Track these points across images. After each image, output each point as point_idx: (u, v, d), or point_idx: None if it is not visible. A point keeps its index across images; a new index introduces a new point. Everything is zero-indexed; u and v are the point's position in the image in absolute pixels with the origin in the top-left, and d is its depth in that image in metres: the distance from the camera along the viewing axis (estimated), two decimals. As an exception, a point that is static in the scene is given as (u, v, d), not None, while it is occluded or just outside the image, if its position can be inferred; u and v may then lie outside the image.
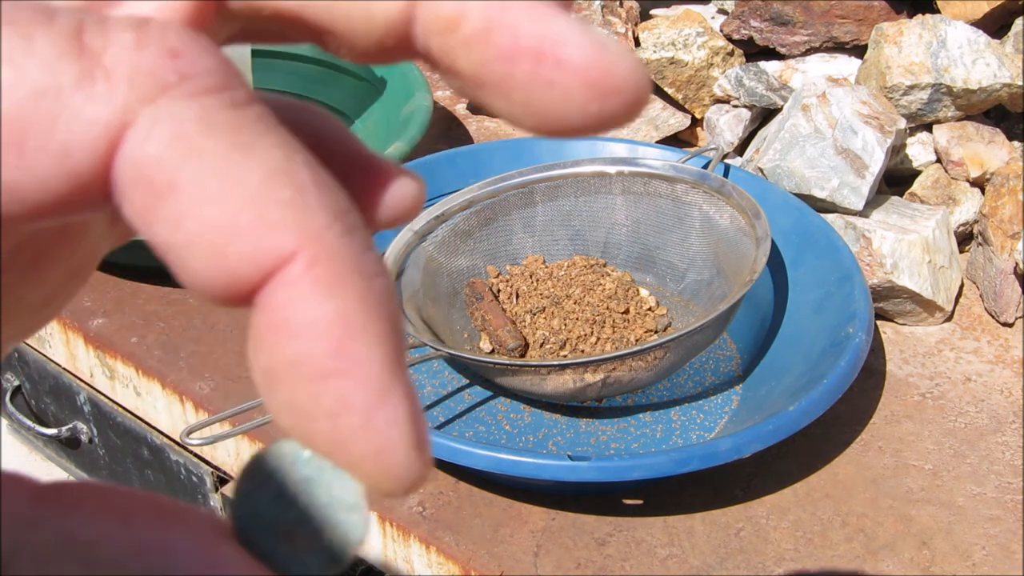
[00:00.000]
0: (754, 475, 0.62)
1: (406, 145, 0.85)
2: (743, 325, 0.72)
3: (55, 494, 0.13)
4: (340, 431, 0.14)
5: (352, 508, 0.15)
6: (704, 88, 0.93)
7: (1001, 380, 0.70)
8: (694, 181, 0.74)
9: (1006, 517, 0.60)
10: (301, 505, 0.15)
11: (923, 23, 0.80)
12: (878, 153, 0.74)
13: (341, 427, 0.14)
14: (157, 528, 0.14)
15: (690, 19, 0.93)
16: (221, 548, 0.14)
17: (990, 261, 0.75)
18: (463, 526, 0.59)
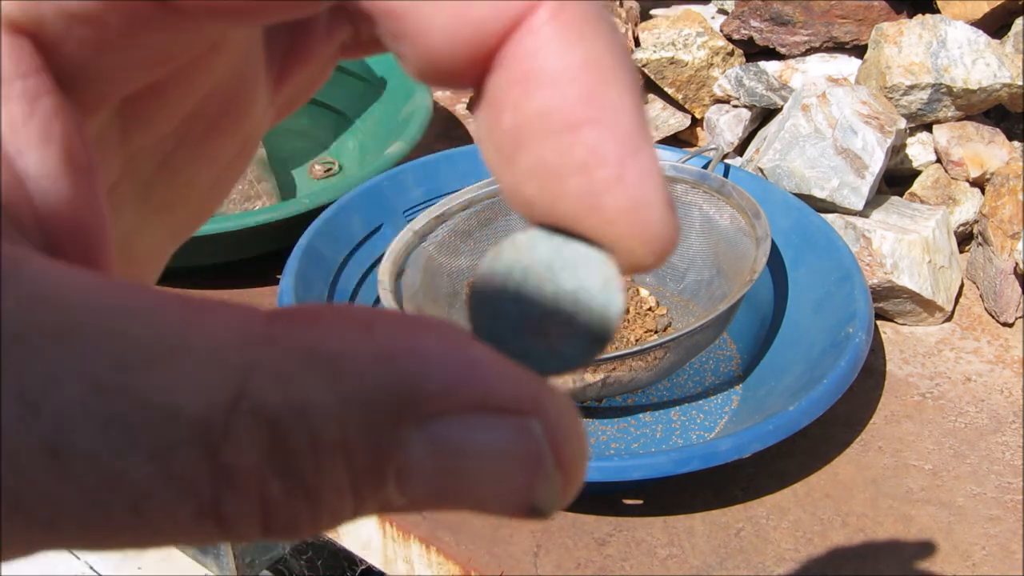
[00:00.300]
0: (754, 475, 0.62)
1: (406, 145, 0.85)
2: (743, 325, 0.72)
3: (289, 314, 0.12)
4: (592, 186, 0.13)
5: (604, 283, 0.14)
6: (704, 88, 0.93)
7: (1001, 380, 0.70)
8: (694, 181, 0.74)
9: (1006, 517, 0.60)
10: (548, 295, 0.14)
11: (923, 23, 0.80)
12: (878, 153, 0.74)
13: (594, 181, 0.13)
14: (403, 336, 0.12)
15: (690, 19, 0.93)
16: (475, 349, 0.12)
17: (990, 261, 0.75)
18: (463, 526, 0.59)
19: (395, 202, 0.78)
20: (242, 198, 0.88)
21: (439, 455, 0.12)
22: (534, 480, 0.13)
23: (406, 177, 0.80)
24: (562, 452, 0.13)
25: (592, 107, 0.13)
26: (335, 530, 0.65)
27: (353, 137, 1.00)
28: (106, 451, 0.12)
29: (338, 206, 0.75)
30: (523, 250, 0.14)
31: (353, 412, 0.12)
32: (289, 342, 0.12)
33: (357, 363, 0.12)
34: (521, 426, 0.12)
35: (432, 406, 0.12)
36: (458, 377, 0.12)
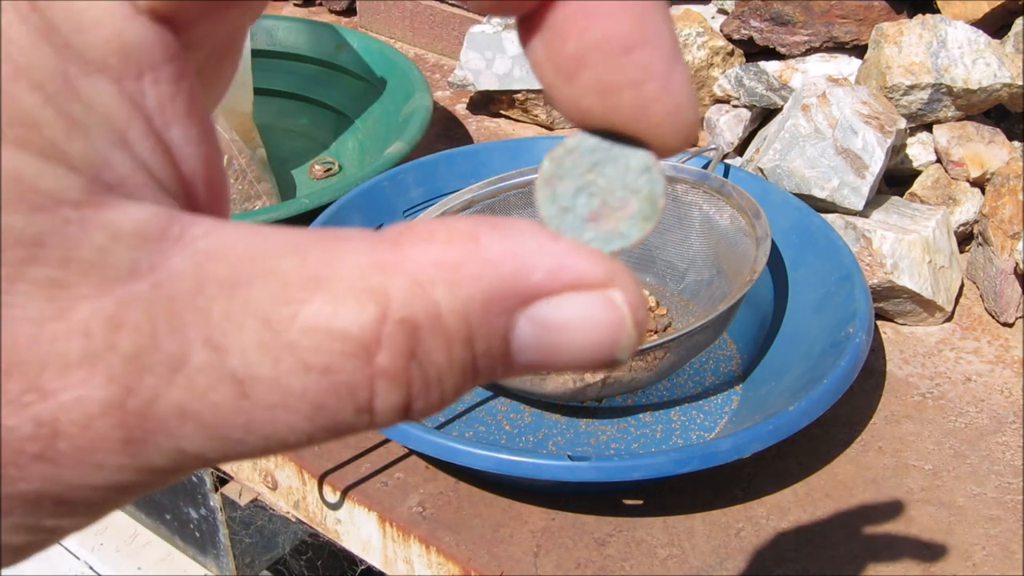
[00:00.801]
0: (754, 475, 0.62)
1: (406, 145, 0.85)
2: (743, 325, 0.72)
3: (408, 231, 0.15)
4: (643, 96, 0.16)
5: (648, 169, 0.17)
6: (704, 88, 0.92)
7: (1001, 380, 0.70)
8: (694, 181, 0.73)
9: (1006, 517, 0.60)
10: (602, 185, 0.17)
11: (923, 23, 0.80)
12: (878, 153, 0.74)
13: (644, 93, 0.16)
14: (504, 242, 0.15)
15: (690, 19, 0.93)
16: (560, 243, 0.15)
17: (990, 261, 0.75)
18: (463, 526, 0.59)
19: (395, 202, 0.78)
20: (242, 198, 0.88)
21: (542, 331, 0.15)
22: (618, 337, 0.16)
23: (406, 177, 0.80)
24: (637, 313, 0.16)
25: (642, 32, 0.16)
26: (335, 532, 0.65)
27: (353, 137, 1.00)
28: (284, 374, 0.14)
29: (338, 206, 0.75)
30: (576, 152, 0.17)
31: (475, 310, 0.15)
32: (416, 259, 0.15)
33: (473, 269, 0.15)
34: (607, 298, 0.15)
35: (536, 293, 0.15)
36: (552, 267, 0.15)
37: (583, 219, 0.17)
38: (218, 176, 0.17)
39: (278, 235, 0.15)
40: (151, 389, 0.14)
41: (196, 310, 0.14)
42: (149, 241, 0.14)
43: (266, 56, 1.04)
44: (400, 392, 0.15)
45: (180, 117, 0.16)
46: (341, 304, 0.14)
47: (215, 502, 0.79)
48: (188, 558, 0.89)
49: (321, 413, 0.14)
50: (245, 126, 0.89)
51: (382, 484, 0.62)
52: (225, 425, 0.14)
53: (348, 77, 1.03)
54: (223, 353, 0.14)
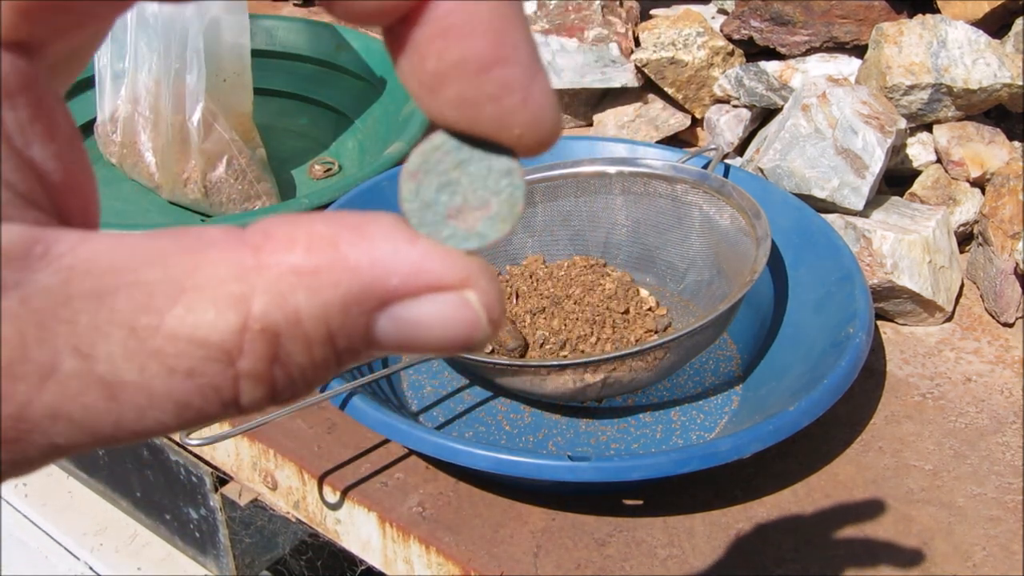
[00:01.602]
0: (754, 475, 0.62)
1: (406, 145, 0.85)
2: (743, 325, 0.72)
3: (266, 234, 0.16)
4: (503, 110, 0.17)
5: (509, 172, 0.18)
6: (704, 88, 0.92)
7: (1001, 380, 0.70)
8: (694, 181, 0.73)
9: (1006, 517, 0.60)
10: (464, 184, 0.18)
11: (923, 23, 0.80)
12: (878, 153, 0.74)
13: (504, 106, 0.17)
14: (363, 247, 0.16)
15: (690, 19, 0.92)
16: (418, 245, 0.16)
17: (990, 261, 0.75)
18: (463, 526, 0.59)
19: (395, 202, 0.78)
20: (242, 198, 0.88)
21: (401, 328, 0.16)
22: (473, 333, 0.17)
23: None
24: (492, 312, 0.17)
25: (499, 50, 0.16)
26: (335, 532, 0.65)
27: (353, 137, 1.00)
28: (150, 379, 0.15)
29: (338, 206, 0.75)
30: (442, 150, 0.18)
31: (334, 314, 0.16)
32: (276, 267, 0.15)
33: (331, 276, 0.16)
34: (461, 299, 0.16)
35: (393, 296, 0.16)
36: (409, 272, 0.16)
37: (443, 216, 0.17)
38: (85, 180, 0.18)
39: (143, 244, 0.15)
40: (24, 395, 0.15)
41: (64, 321, 0.15)
42: (14, 260, 0.15)
43: (266, 56, 1.04)
44: (264, 389, 0.16)
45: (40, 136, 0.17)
46: (203, 312, 0.15)
47: (215, 502, 0.79)
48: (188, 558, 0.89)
49: (188, 410, 0.15)
50: (245, 126, 0.89)
51: (382, 484, 0.62)
52: (96, 423, 0.15)
53: (348, 77, 1.03)
54: (91, 360, 0.15)
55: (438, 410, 0.69)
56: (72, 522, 0.98)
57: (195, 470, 0.78)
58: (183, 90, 0.85)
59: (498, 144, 0.17)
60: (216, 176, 0.88)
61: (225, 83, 0.86)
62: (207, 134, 0.86)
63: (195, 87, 0.85)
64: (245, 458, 0.69)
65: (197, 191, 0.88)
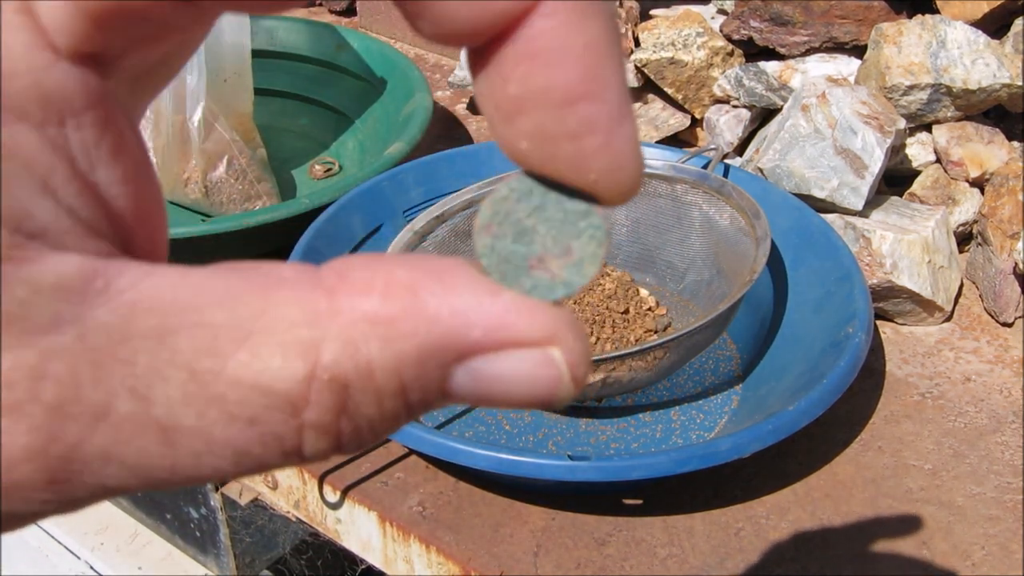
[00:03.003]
0: (754, 475, 0.62)
1: (406, 145, 0.85)
2: (743, 325, 0.72)
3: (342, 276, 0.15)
4: (582, 151, 0.16)
5: (587, 213, 0.17)
6: (704, 88, 0.93)
7: (1001, 380, 0.70)
8: (694, 181, 0.74)
9: (1006, 517, 0.60)
10: (541, 231, 0.17)
11: (923, 23, 0.80)
12: (878, 153, 0.74)
13: (584, 147, 0.15)
14: (444, 296, 0.15)
15: (690, 19, 0.93)
16: (501, 298, 0.15)
17: (989, 261, 0.75)
18: (463, 526, 0.59)
19: (395, 202, 0.78)
20: (242, 198, 0.88)
21: (480, 383, 0.15)
22: (555, 391, 0.16)
23: (406, 177, 0.80)
24: (576, 371, 0.15)
25: (588, 84, 0.15)
26: (336, 531, 0.65)
27: (353, 137, 1.00)
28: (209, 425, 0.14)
29: (338, 206, 0.75)
30: (513, 198, 0.17)
31: (409, 366, 0.15)
32: (350, 313, 0.14)
33: (408, 325, 0.15)
34: (545, 356, 0.15)
35: (473, 350, 0.15)
36: (491, 326, 0.15)
37: (525, 267, 0.16)
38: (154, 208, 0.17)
39: (209, 283, 0.15)
40: (75, 436, 0.14)
41: (122, 361, 0.14)
42: (73, 294, 0.14)
43: (266, 56, 1.04)
44: (329, 440, 0.15)
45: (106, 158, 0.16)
46: (269, 359, 0.14)
47: (215, 502, 0.79)
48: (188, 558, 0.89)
49: (247, 458, 0.15)
50: (245, 126, 0.89)
51: (382, 484, 0.62)
52: (150, 467, 0.14)
53: (348, 77, 1.03)
54: (148, 403, 0.14)
55: (438, 409, 0.69)
56: (73, 521, 0.98)
57: (195, 470, 0.78)
58: (183, 90, 0.85)
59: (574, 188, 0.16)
60: (216, 176, 0.88)
61: (226, 83, 0.86)
62: (207, 134, 0.86)
63: (196, 87, 0.85)
64: (245, 458, 0.69)
65: (197, 191, 0.88)
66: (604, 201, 0.16)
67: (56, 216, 0.15)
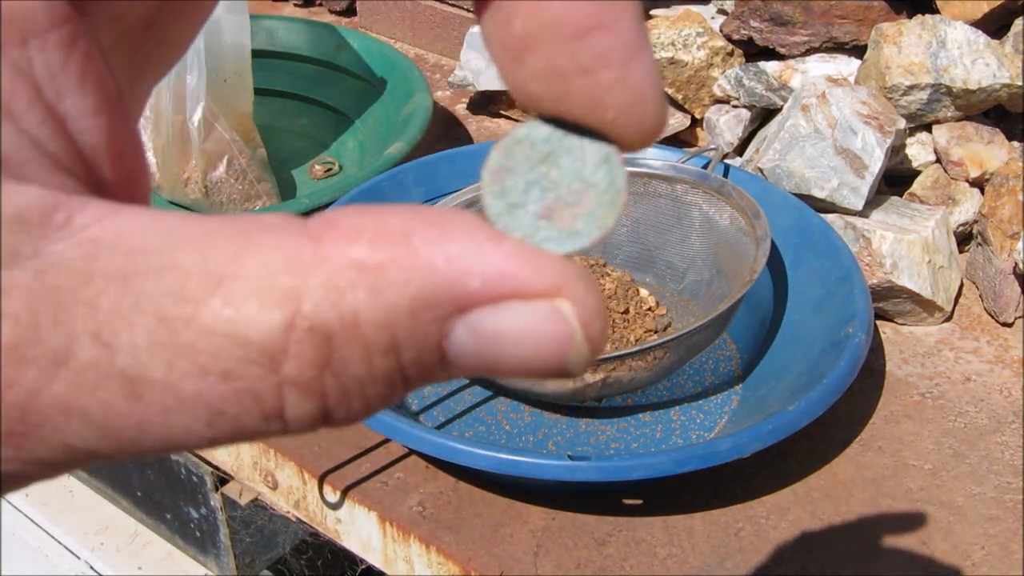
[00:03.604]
0: (754, 475, 0.62)
1: (406, 145, 0.85)
2: (743, 325, 0.72)
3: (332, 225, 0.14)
4: (597, 86, 0.14)
5: (607, 159, 0.15)
6: (704, 88, 0.93)
7: (1001, 380, 0.70)
8: (694, 181, 0.74)
9: (1006, 517, 0.60)
10: (555, 178, 0.15)
11: (923, 23, 0.80)
12: (878, 153, 0.74)
13: (599, 82, 0.14)
14: (440, 243, 0.13)
15: (690, 19, 0.93)
16: (504, 244, 0.14)
17: (989, 261, 0.75)
18: (463, 526, 0.59)
19: (395, 202, 0.78)
20: (242, 198, 0.88)
21: (481, 341, 0.14)
22: (566, 352, 0.14)
23: (406, 177, 0.80)
24: (589, 328, 0.14)
25: (599, 15, 0.14)
26: (336, 531, 0.65)
27: (353, 137, 1.00)
28: (179, 378, 0.13)
29: (338, 206, 0.75)
30: (527, 143, 0.15)
31: (401, 318, 0.13)
32: (336, 260, 0.13)
33: (399, 274, 0.13)
34: (553, 309, 0.14)
35: (472, 302, 0.14)
36: (493, 273, 0.13)
37: (535, 216, 0.15)
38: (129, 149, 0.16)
39: (184, 224, 0.13)
40: (32, 382, 0.13)
41: (83, 302, 0.13)
42: (32, 227, 0.13)
43: (266, 56, 1.04)
44: (313, 402, 0.13)
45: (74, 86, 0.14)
46: (243, 305, 0.13)
47: (215, 502, 0.79)
48: (188, 558, 0.89)
49: (222, 418, 0.13)
50: (245, 126, 0.89)
51: (382, 484, 0.62)
52: (115, 425, 0.13)
53: (348, 77, 1.03)
54: (112, 350, 0.13)
55: (438, 409, 0.69)
56: (73, 521, 0.98)
57: (196, 469, 0.78)
58: (184, 90, 0.85)
59: (591, 130, 0.15)
60: (216, 176, 0.88)
61: (226, 83, 0.86)
62: (208, 134, 0.86)
63: (196, 87, 0.85)
64: (245, 457, 0.69)
65: (197, 191, 0.88)
66: (625, 144, 0.15)
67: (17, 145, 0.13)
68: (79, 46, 0.15)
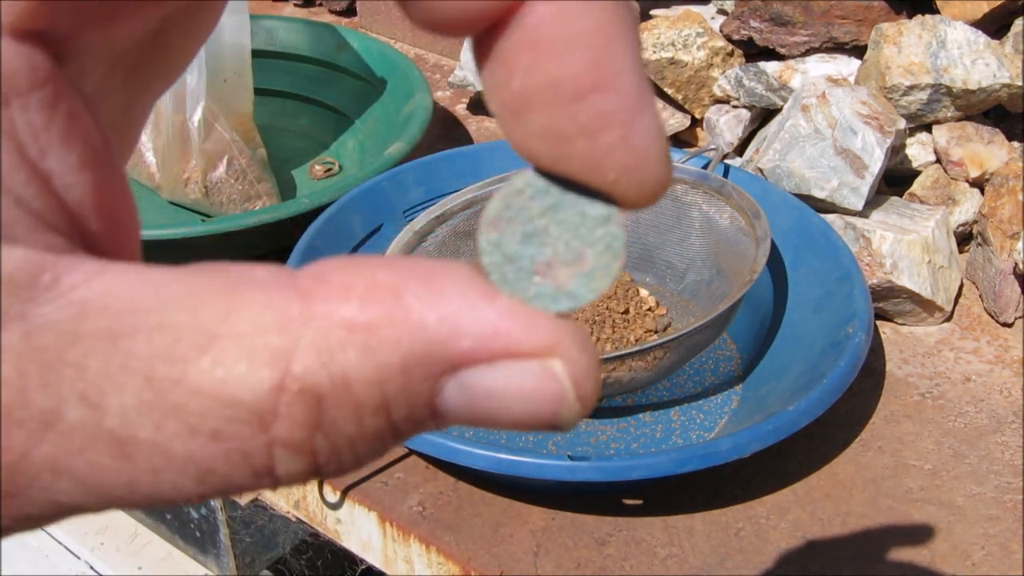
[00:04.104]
0: (754, 475, 0.62)
1: (406, 145, 0.85)
2: (743, 325, 0.72)
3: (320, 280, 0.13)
4: (598, 149, 0.14)
5: (607, 220, 0.15)
6: (704, 88, 0.93)
7: (1000, 380, 0.70)
8: (694, 181, 0.74)
9: (1005, 517, 0.60)
10: (553, 234, 0.15)
11: (923, 23, 0.80)
12: (878, 153, 0.74)
13: (600, 144, 0.14)
14: (431, 301, 0.13)
15: (690, 19, 0.93)
16: (497, 303, 0.14)
17: (989, 261, 0.75)
18: (463, 526, 0.59)
19: (395, 202, 0.78)
20: (242, 198, 0.88)
21: (472, 399, 0.14)
22: (557, 410, 0.14)
23: (406, 177, 0.80)
24: (581, 387, 0.14)
25: (599, 73, 0.14)
26: (336, 531, 0.65)
27: (353, 137, 1.00)
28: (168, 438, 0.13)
29: (338, 206, 0.75)
30: (526, 195, 0.15)
31: (392, 377, 0.13)
32: (326, 319, 0.13)
33: (391, 332, 0.13)
34: (545, 369, 0.14)
35: (463, 361, 0.13)
36: (485, 332, 0.13)
37: (529, 272, 0.15)
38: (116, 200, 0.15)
39: (171, 282, 0.13)
40: (22, 444, 0.13)
41: (71, 364, 0.13)
42: (19, 289, 0.13)
43: (266, 56, 1.04)
44: (303, 460, 0.13)
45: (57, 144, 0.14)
46: (233, 366, 0.13)
47: (215, 502, 0.79)
48: (188, 558, 0.89)
49: (212, 476, 0.13)
50: (245, 126, 0.89)
51: (382, 484, 0.62)
52: (104, 483, 0.13)
53: (348, 77, 1.03)
54: (100, 412, 0.13)
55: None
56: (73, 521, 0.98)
57: (195, 470, 0.78)
58: (184, 90, 0.85)
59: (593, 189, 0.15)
60: (216, 176, 0.88)
61: (226, 83, 0.86)
62: (207, 134, 0.86)
63: (196, 87, 0.85)
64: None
65: (197, 191, 0.88)
66: (626, 204, 0.15)
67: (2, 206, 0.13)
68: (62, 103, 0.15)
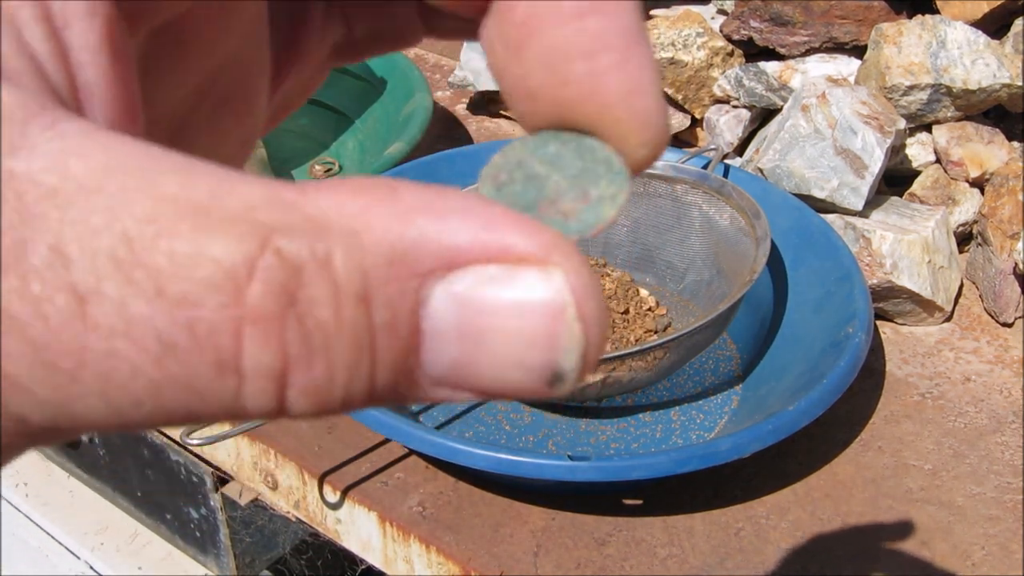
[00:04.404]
0: (754, 475, 0.62)
1: (406, 145, 0.85)
2: (743, 325, 0.72)
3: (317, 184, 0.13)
4: (596, 69, 0.14)
5: (607, 160, 0.15)
6: (704, 88, 0.93)
7: (1000, 380, 0.70)
8: (694, 181, 0.74)
9: (1005, 517, 0.60)
10: (555, 179, 0.15)
11: (923, 23, 0.80)
12: (878, 153, 0.74)
13: (597, 65, 0.14)
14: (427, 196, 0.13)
15: (690, 19, 0.93)
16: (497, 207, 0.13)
17: (989, 261, 0.75)
18: (463, 526, 0.59)
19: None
20: (242, 198, 0.88)
21: (462, 311, 0.13)
22: (558, 329, 0.13)
23: (406, 177, 0.80)
24: (583, 304, 0.13)
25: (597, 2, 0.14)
26: (336, 531, 0.65)
27: (353, 137, 1.00)
28: (131, 296, 0.12)
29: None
30: (529, 147, 0.15)
31: (377, 265, 0.12)
32: (315, 204, 0.12)
33: (383, 218, 0.12)
34: (543, 274, 0.13)
35: (456, 258, 0.13)
36: (481, 229, 0.13)
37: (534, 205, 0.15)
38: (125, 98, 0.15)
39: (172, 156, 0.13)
40: None
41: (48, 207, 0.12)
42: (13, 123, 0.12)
43: (266, 56, 1.04)
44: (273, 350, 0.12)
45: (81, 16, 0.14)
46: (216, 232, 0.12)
47: (215, 502, 0.79)
48: (188, 558, 0.89)
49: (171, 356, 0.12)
50: (245, 126, 0.89)
51: (382, 484, 0.62)
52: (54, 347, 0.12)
53: (348, 77, 1.03)
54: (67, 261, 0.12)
55: (438, 410, 0.69)
56: (73, 521, 0.98)
57: (195, 469, 0.78)
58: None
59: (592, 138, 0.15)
60: (216, 176, 0.88)
61: (225, 83, 0.86)
62: (207, 134, 0.86)
63: (195, 87, 0.85)
64: (245, 458, 0.69)
65: (197, 191, 0.88)
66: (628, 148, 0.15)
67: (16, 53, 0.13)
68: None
